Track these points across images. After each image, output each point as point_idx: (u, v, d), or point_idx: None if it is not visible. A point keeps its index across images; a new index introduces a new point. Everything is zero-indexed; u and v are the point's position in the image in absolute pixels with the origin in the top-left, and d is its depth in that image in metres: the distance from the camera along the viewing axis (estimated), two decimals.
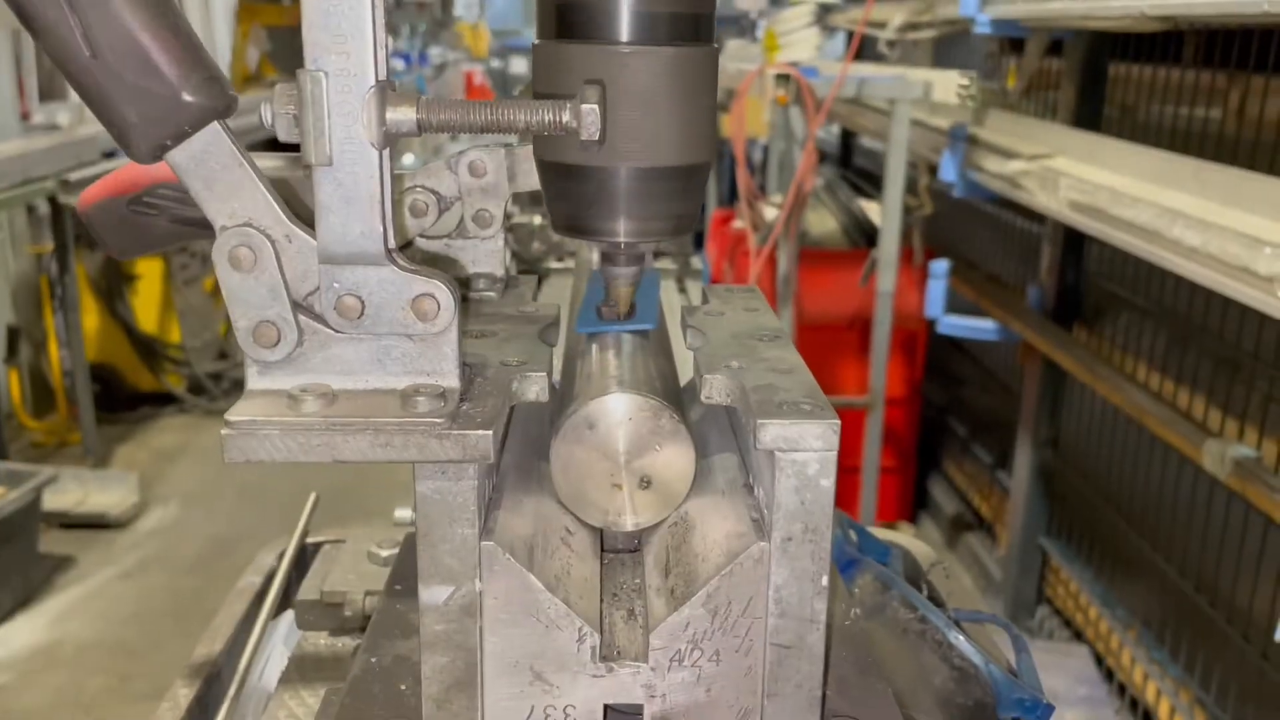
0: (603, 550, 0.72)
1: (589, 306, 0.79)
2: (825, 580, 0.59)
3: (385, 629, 0.75)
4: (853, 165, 5.84)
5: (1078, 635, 3.00)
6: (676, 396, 0.78)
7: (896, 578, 0.92)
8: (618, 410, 0.66)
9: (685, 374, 0.85)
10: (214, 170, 0.54)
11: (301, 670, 0.91)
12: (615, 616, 0.65)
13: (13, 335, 4.53)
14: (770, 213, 3.71)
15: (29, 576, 3.55)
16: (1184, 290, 2.40)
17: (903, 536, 1.17)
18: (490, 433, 0.55)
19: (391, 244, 0.56)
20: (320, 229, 0.54)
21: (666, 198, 0.66)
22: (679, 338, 0.87)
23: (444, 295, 0.55)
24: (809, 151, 3.39)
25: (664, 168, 0.64)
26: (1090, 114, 2.87)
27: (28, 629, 3.45)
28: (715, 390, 0.64)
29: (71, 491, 4.04)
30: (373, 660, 0.72)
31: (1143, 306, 2.63)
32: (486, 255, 0.81)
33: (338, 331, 0.56)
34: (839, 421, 0.57)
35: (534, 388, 0.63)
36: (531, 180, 0.79)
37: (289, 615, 1.01)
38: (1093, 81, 2.87)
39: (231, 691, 0.89)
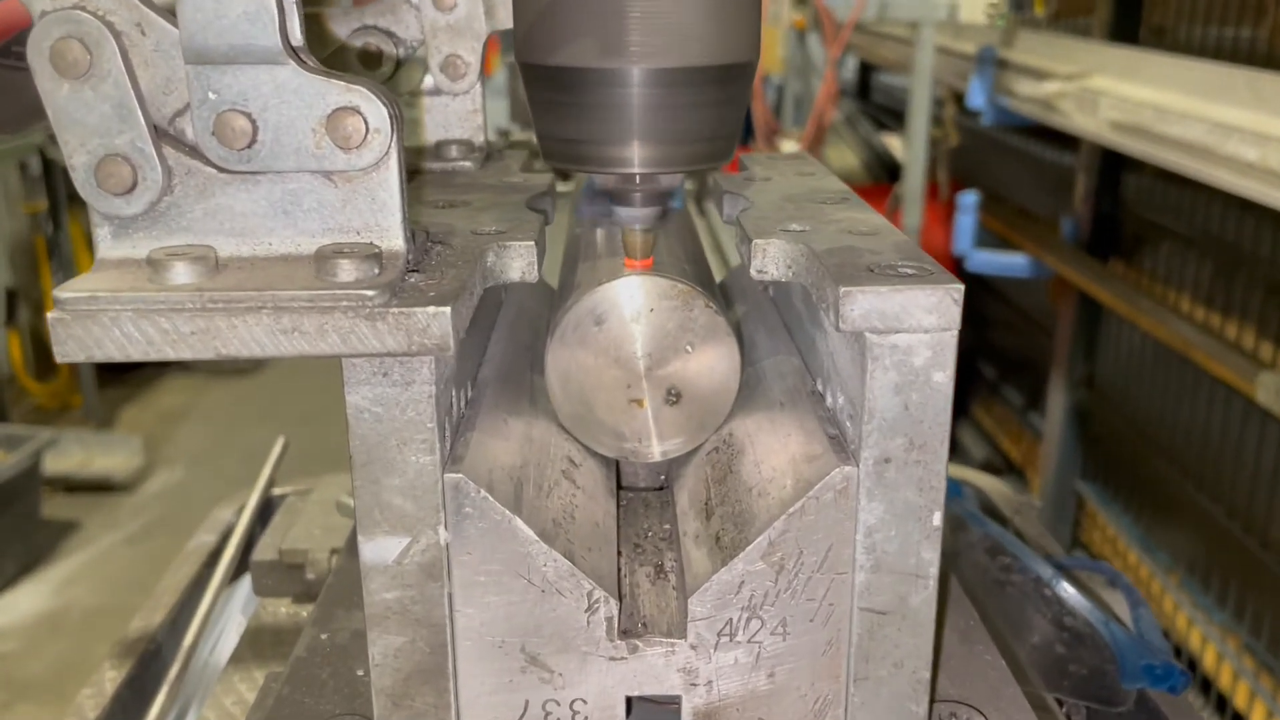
0: (620, 488, 0.55)
1: (592, 188, 0.61)
2: (938, 518, 0.41)
3: (342, 595, 0.59)
4: (871, 100, 5.61)
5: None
6: (711, 285, 0.60)
7: (987, 520, 0.74)
8: (634, 298, 0.48)
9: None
10: None
11: (256, 645, 0.75)
12: (639, 575, 0.48)
13: (11, 297, 4.40)
14: (788, 148, 3.54)
15: (32, 542, 3.45)
16: (1231, 215, 2.25)
17: (976, 473, 1.00)
18: (447, 310, 0.37)
19: (296, 36, 0.37)
20: (184, 10, 0.36)
21: (697, 112, 0.46)
22: (712, 261, 0.69)
23: (374, 110, 0.37)
24: (829, 79, 3.21)
25: (694, 69, 0.44)
26: (1126, 37, 2.67)
27: (32, 595, 3.36)
28: (770, 260, 0.46)
29: (74, 454, 3.93)
30: (323, 637, 0.55)
31: (1185, 235, 2.47)
32: (460, 116, 0.63)
33: (222, 169, 0.38)
34: (961, 286, 0.39)
35: (518, 262, 0.45)
36: None
37: (249, 579, 0.85)
38: (1127, 1, 2.67)
39: (173, 673, 0.73)
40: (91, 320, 0.36)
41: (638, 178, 0.47)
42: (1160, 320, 2.39)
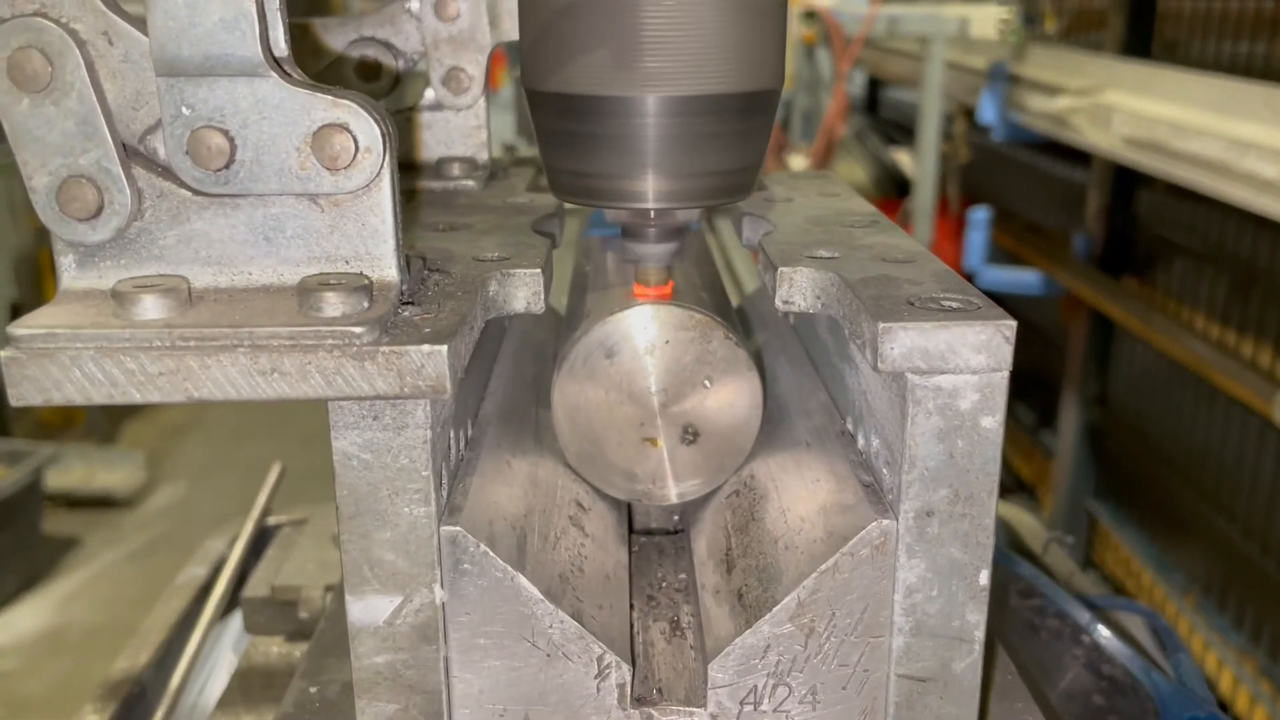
0: (631, 532, 0.51)
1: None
2: (985, 577, 0.37)
3: (334, 643, 0.55)
4: (879, 115, 5.60)
5: None
6: (729, 314, 0.56)
7: (1018, 559, 0.70)
8: (648, 329, 0.44)
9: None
10: None
11: (246, 688, 0.71)
12: (653, 632, 0.44)
13: (16, 312, 4.40)
14: (797, 163, 3.53)
15: (33, 558, 3.42)
16: (1247, 231, 2.22)
17: (1002, 505, 0.96)
18: (443, 349, 0.33)
19: (280, 46, 0.34)
20: (154, 17, 0.33)
21: (716, 143, 0.42)
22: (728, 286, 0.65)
23: (365, 127, 0.34)
24: (838, 93, 3.20)
25: (714, 97, 0.41)
26: (1138, 52, 2.65)
27: (32, 613, 3.32)
28: (797, 290, 0.42)
29: (76, 470, 3.90)
30: (312, 690, 0.51)
31: (1200, 251, 2.44)
32: (463, 133, 0.59)
33: (197, 192, 0.35)
34: (1014, 323, 0.35)
35: (523, 291, 0.42)
36: None
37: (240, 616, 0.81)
38: (1140, 15, 2.65)
39: (159, 717, 0.69)
40: (49, 360, 0.32)
41: (652, 213, 0.44)
42: (1175, 338, 2.36)
